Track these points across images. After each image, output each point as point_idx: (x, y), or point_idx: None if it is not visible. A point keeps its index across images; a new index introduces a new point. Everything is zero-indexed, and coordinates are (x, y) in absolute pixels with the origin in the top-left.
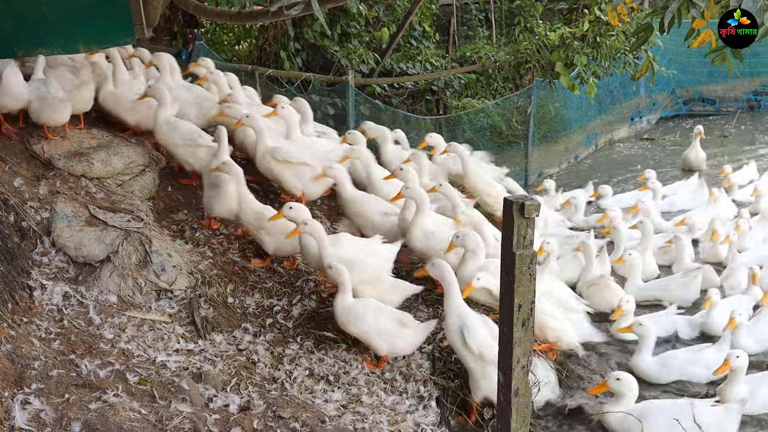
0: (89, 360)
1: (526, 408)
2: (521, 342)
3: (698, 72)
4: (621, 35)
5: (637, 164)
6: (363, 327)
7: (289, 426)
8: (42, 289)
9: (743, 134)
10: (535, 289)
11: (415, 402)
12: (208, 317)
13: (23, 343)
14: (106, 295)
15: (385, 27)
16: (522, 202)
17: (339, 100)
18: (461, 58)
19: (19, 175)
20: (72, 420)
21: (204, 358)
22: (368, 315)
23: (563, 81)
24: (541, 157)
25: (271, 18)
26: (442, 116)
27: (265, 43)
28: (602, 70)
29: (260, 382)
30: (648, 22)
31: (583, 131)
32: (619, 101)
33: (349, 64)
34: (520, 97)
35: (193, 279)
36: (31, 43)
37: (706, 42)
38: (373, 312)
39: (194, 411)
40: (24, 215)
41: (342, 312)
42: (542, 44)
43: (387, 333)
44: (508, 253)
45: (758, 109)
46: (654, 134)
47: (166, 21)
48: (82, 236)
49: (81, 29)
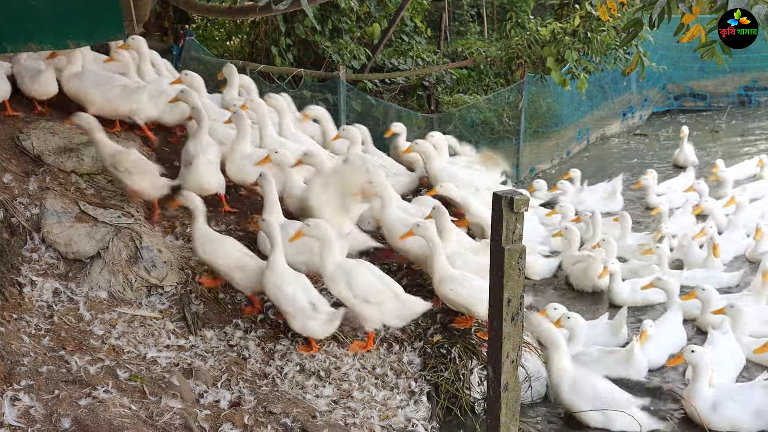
0: (79, 356)
1: (515, 402)
2: (511, 336)
3: (689, 68)
4: (612, 30)
5: (633, 158)
6: (281, 298)
7: (280, 421)
8: (32, 285)
9: (734, 129)
10: (523, 284)
11: (406, 397)
12: (198, 313)
13: (13, 339)
14: (96, 291)
15: (377, 22)
16: (511, 197)
17: (330, 95)
18: (453, 54)
19: (8, 171)
20: (62, 416)
21: (195, 354)
22: (288, 286)
23: (554, 76)
24: (532, 152)
25: (260, 13)
26: (434, 112)
27: (257, 38)
28: (593, 65)
29: (251, 377)
30: (638, 17)
31: (575, 127)
32: (610, 97)
33: (340, 59)
34: (511, 93)
35: (183, 275)
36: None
37: (695, 37)
38: (293, 286)
39: (185, 407)
40: (13, 211)
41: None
42: (533, 40)
43: (301, 313)
44: (498, 247)
45: (749, 105)
46: (646, 130)
47: (157, 17)
48: (72, 232)
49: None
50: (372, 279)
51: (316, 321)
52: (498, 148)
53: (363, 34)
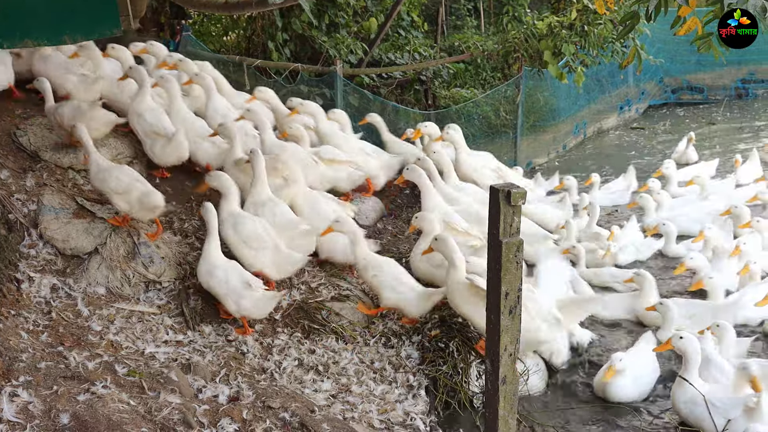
0: (77, 352)
1: (513, 396)
2: (508, 330)
3: (686, 61)
4: (609, 24)
5: (631, 151)
6: (213, 283)
7: (278, 416)
8: (30, 281)
9: (731, 122)
10: (521, 277)
11: (404, 391)
12: (196, 308)
13: (11, 335)
14: (94, 287)
15: (374, 17)
16: (508, 190)
17: (327, 90)
18: (450, 48)
19: (5, 167)
20: (60, 412)
21: (193, 350)
22: (219, 270)
23: (551, 70)
24: (529, 146)
25: (256, 8)
26: (431, 106)
27: (253, 33)
28: (590, 58)
29: (249, 372)
30: (634, 10)
31: (572, 120)
32: (607, 90)
33: (337, 54)
34: (508, 87)
35: (181, 270)
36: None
37: (692, 29)
38: (224, 269)
39: (183, 402)
40: (11, 207)
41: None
42: (530, 33)
43: (234, 293)
44: (495, 241)
45: (746, 97)
46: (643, 123)
47: (154, 12)
48: (69, 228)
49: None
50: (257, 227)
51: (250, 299)
52: (495, 142)
53: (360, 28)
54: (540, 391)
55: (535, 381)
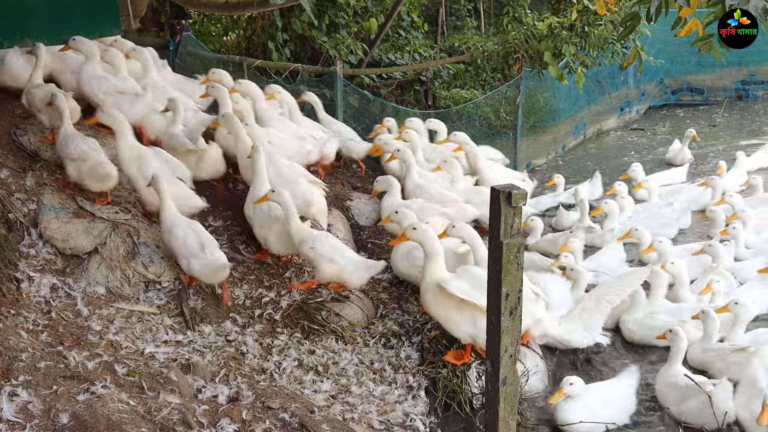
0: (77, 352)
1: (514, 397)
2: (509, 331)
3: (686, 62)
4: (609, 25)
5: (631, 152)
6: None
7: (278, 416)
8: (29, 281)
9: (731, 123)
10: (522, 278)
11: (404, 392)
12: (196, 308)
13: (10, 335)
14: (94, 286)
15: (374, 17)
16: (509, 191)
17: (327, 90)
18: (450, 49)
19: (5, 167)
20: (60, 411)
21: (192, 350)
22: (178, 228)
23: (552, 71)
24: (529, 147)
25: (257, 8)
26: (431, 107)
27: (253, 34)
28: (590, 59)
29: (249, 373)
30: (635, 11)
31: (572, 121)
32: (607, 91)
33: (337, 54)
34: (508, 88)
35: (181, 270)
36: (16, 33)
37: (693, 31)
38: (184, 228)
39: (183, 402)
40: (11, 207)
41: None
42: (530, 34)
43: (189, 252)
44: (496, 242)
45: (746, 99)
46: (643, 124)
47: (154, 12)
48: (69, 228)
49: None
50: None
51: (200, 261)
52: (495, 142)
53: (360, 29)
54: (540, 392)
55: (534, 382)
